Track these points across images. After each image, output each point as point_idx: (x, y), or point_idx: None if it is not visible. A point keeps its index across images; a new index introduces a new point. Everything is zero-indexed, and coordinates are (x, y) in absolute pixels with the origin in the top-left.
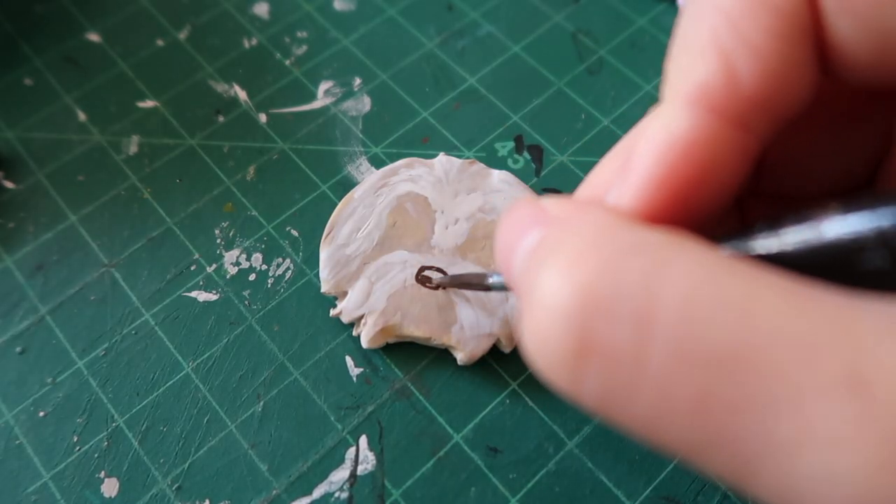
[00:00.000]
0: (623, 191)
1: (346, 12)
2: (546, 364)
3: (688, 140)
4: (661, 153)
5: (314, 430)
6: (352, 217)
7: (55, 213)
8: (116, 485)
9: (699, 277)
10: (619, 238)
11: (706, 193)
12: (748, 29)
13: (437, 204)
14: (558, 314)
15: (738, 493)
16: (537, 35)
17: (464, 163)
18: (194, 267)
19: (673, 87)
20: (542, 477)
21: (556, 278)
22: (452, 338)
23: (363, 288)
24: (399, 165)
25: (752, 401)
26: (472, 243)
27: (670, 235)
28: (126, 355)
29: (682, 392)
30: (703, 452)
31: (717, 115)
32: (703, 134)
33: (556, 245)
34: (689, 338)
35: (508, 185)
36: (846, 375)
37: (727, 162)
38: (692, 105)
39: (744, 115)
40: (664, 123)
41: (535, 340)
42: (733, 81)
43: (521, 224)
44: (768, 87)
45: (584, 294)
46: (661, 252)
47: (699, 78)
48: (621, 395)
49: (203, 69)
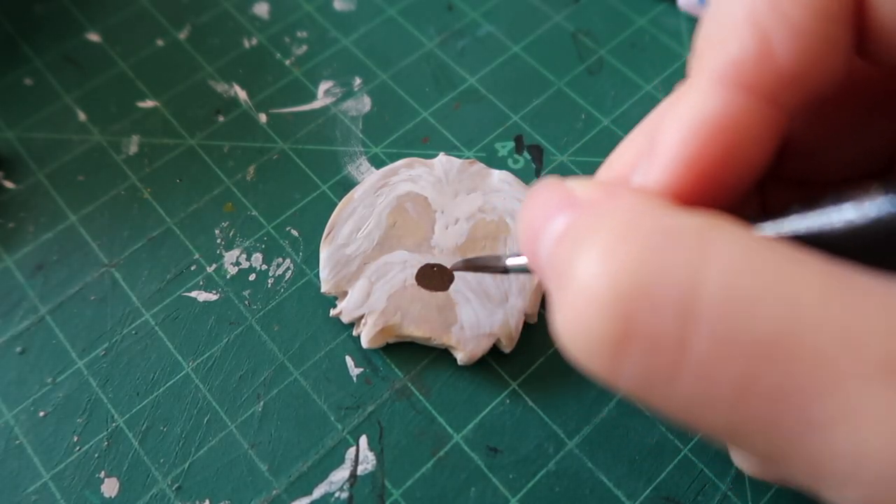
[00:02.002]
0: (650, 171)
1: (346, 12)
2: (584, 351)
3: (718, 119)
4: (690, 132)
5: (314, 430)
6: (352, 217)
7: (55, 213)
8: (116, 485)
9: (742, 263)
10: (657, 223)
11: (735, 173)
12: (788, 5)
13: (438, 204)
14: (600, 302)
15: (740, 490)
16: (537, 35)
17: (464, 163)
18: (194, 267)
19: (702, 63)
20: (542, 477)
21: (595, 265)
22: (452, 338)
23: (363, 288)
24: (399, 165)
25: (794, 386)
26: (473, 243)
27: (709, 219)
28: (126, 355)
29: (725, 377)
30: (742, 434)
31: (749, 91)
32: (735, 112)
33: (590, 230)
34: (733, 324)
35: (508, 185)
36: (884, 359)
37: (757, 140)
38: (723, 81)
39: (777, 92)
40: (693, 102)
41: (574, 328)
42: (769, 57)
43: (547, 207)
44: (804, 64)
45: (625, 281)
46: (702, 237)
47: (733, 52)
48: (662, 381)
49: (203, 69)
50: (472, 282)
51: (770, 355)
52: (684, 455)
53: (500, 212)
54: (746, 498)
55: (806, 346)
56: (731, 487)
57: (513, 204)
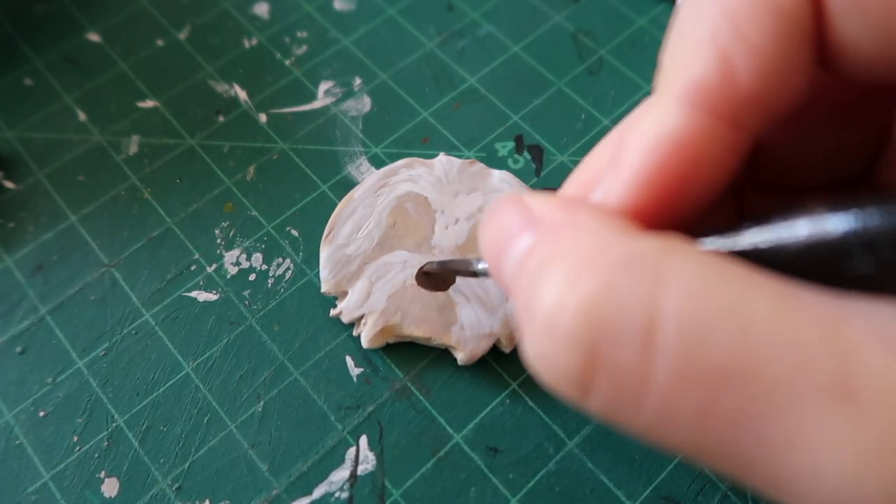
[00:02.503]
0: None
1: (346, 12)
2: (553, 379)
3: (680, 137)
4: (652, 149)
5: (314, 430)
6: (352, 217)
7: (55, 213)
8: (116, 485)
9: (696, 289)
10: (616, 249)
11: (696, 189)
12: (748, 28)
13: (438, 204)
14: (564, 335)
15: (739, 491)
16: (537, 35)
17: (464, 163)
18: (194, 267)
19: (667, 81)
20: (542, 477)
21: (558, 296)
22: (452, 338)
23: (363, 288)
24: (399, 165)
25: (751, 410)
26: (473, 243)
27: (665, 242)
28: (126, 355)
29: (685, 404)
30: (705, 455)
31: (710, 112)
32: (696, 131)
33: (552, 257)
34: (690, 353)
35: (509, 185)
36: (835, 382)
37: (718, 159)
38: (686, 101)
39: (738, 114)
40: (656, 119)
41: (541, 358)
42: (730, 80)
43: (509, 225)
44: (765, 87)
45: (587, 314)
46: (658, 263)
47: (695, 74)
48: (627, 407)
49: (203, 69)
50: (472, 282)
51: (727, 381)
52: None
53: None
54: (746, 498)
55: (760, 372)
56: (731, 487)
57: None
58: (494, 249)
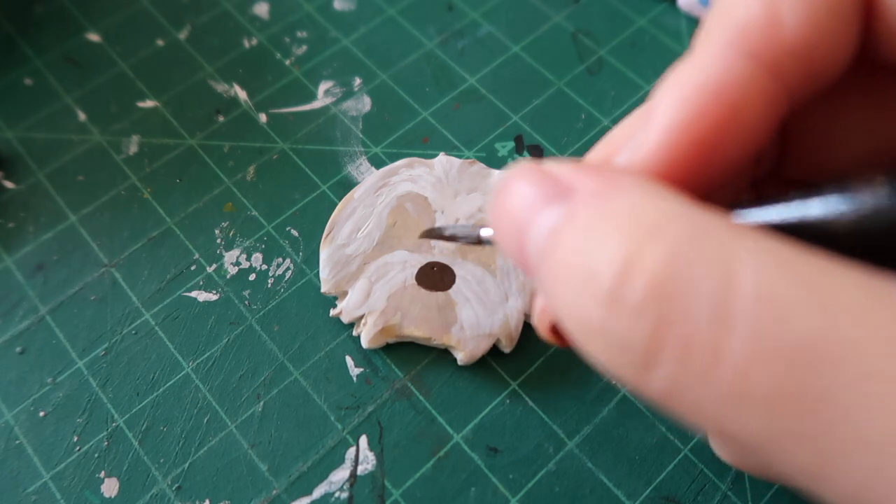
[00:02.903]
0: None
1: (346, 12)
2: (611, 353)
3: (720, 81)
4: (691, 93)
5: (314, 430)
6: (352, 217)
7: (55, 213)
8: (116, 485)
9: (776, 265)
10: (684, 217)
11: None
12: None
13: (438, 204)
14: (632, 304)
15: (740, 491)
16: (537, 35)
17: (464, 163)
18: (194, 267)
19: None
20: (542, 477)
21: (622, 264)
22: (452, 338)
23: (363, 288)
24: (399, 165)
25: (838, 396)
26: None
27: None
28: (126, 355)
29: (762, 382)
30: (775, 445)
31: (752, 59)
32: (736, 78)
33: (605, 224)
34: (770, 326)
35: None
36: None
37: (757, 111)
38: (729, 46)
39: (781, 63)
40: (696, 65)
41: (599, 330)
42: (775, 26)
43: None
44: (810, 37)
45: (658, 282)
46: (730, 239)
47: (740, 18)
48: (694, 385)
49: (203, 69)
50: (472, 282)
51: (811, 362)
52: (684, 455)
53: None
54: (746, 498)
55: (852, 356)
56: (731, 487)
57: None
58: (514, 226)
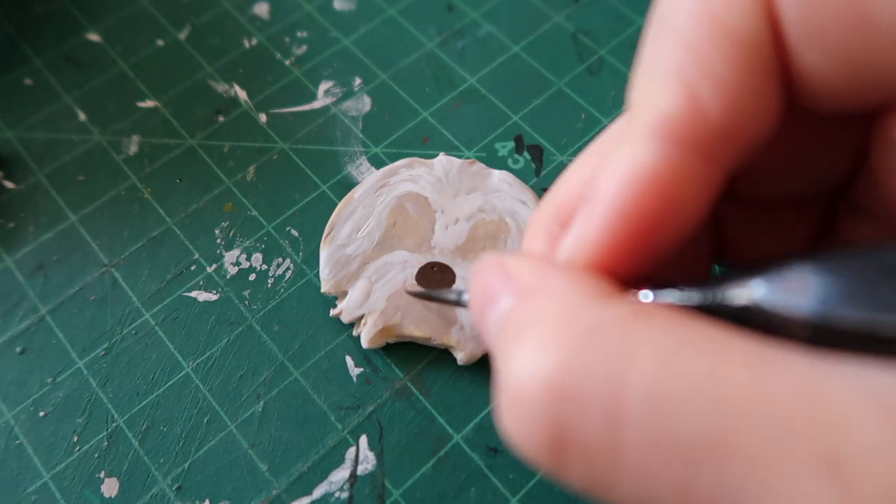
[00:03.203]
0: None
1: (346, 12)
2: (528, 453)
3: (653, 172)
4: (625, 187)
5: (314, 430)
6: (352, 217)
7: (55, 213)
8: (116, 485)
9: (665, 357)
10: (583, 318)
11: (672, 226)
12: (711, 60)
13: (437, 204)
14: (531, 407)
15: None
16: (537, 35)
17: (463, 163)
18: (194, 267)
19: (637, 117)
20: (542, 477)
21: (524, 366)
22: (452, 338)
23: (363, 288)
24: (399, 165)
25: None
26: (472, 243)
27: (634, 308)
28: (126, 355)
29: (663, 482)
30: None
31: (682, 146)
32: (669, 166)
33: (523, 324)
34: (661, 427)
35: (508, 185)
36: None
37: (693, 194)
38: (657, 136)
39: (709, 147)
40: (628, 155)
41: (511, 429)
42: (698, 113)
43: (490, 287)
44: (734, 119)
45: (551, 386)
46: (626, 332)
47: (664, 109)
48: (604, 483)
49: (203, 69)
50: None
51: (702, 458)
52: None
53: (500, 212)
54: None
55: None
56: None
57: (513, 204)
58: (479, 309)
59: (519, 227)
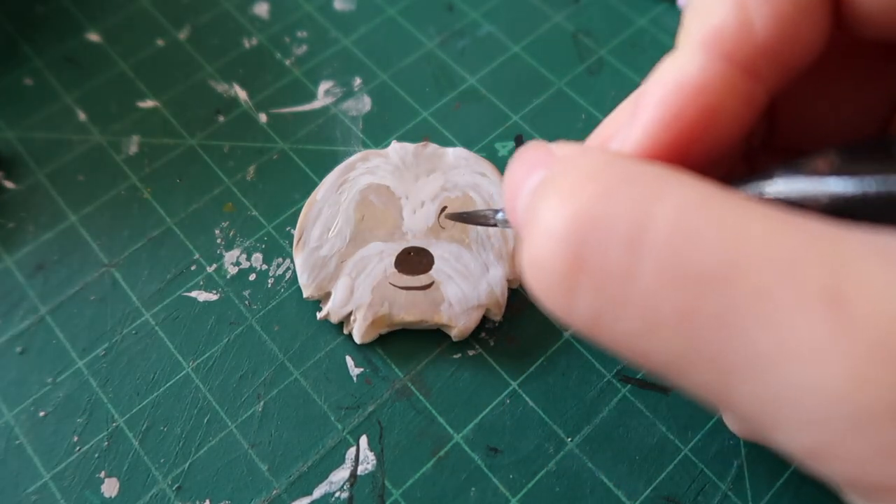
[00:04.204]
0: (630, 132)
1: (346, 12)
2: (540, 285)
3: (697, 84)
4: (670, 94)
5: (314, 430)
6: (319, 219)
7: (55, 213)
8: (116, 485)
9: (692, 202)
10: (615, 170)
11: (711, 138)
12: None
13: (400, 190)
14: (554, 237)
15: (740, 491)
16: (537, 35)
17: (417, 146)
18: (194, 267)
19: (688, 32)
20: (542, 477)
21: (554, 207)
22: (443, 316)
23: (345, 285)
24: (354, 160)
25: (735, 316)
26: (443, 222)
27: (666, 168)
28: (126, 355)
29: (669, 306)
30: (685, 366)
31: (728, 60)
32: (714, 78)
33: (557, 179)
34: (677, 256)
35: (465, 160)
36: (825, 292)
37: (735, 107)
38: (704, 49)
39: (755, 63)
40: (676, 66)
41: (531, 264)
42: (746, 29)
43: (527, 165)
44: (780, 36)
45: (578, 217)
46: (656, 181)
47: (714, 23)
48: (611, 311)
49: (203, 69)
50: (450, 259)
51: (711, 286)
52: (684, 455)
53: (463, 187)
54: (747, 498)
55: (748, 278)
56: (731, 487)
57: (473, 178)
58: (512, 188)
59: (483, 199)
